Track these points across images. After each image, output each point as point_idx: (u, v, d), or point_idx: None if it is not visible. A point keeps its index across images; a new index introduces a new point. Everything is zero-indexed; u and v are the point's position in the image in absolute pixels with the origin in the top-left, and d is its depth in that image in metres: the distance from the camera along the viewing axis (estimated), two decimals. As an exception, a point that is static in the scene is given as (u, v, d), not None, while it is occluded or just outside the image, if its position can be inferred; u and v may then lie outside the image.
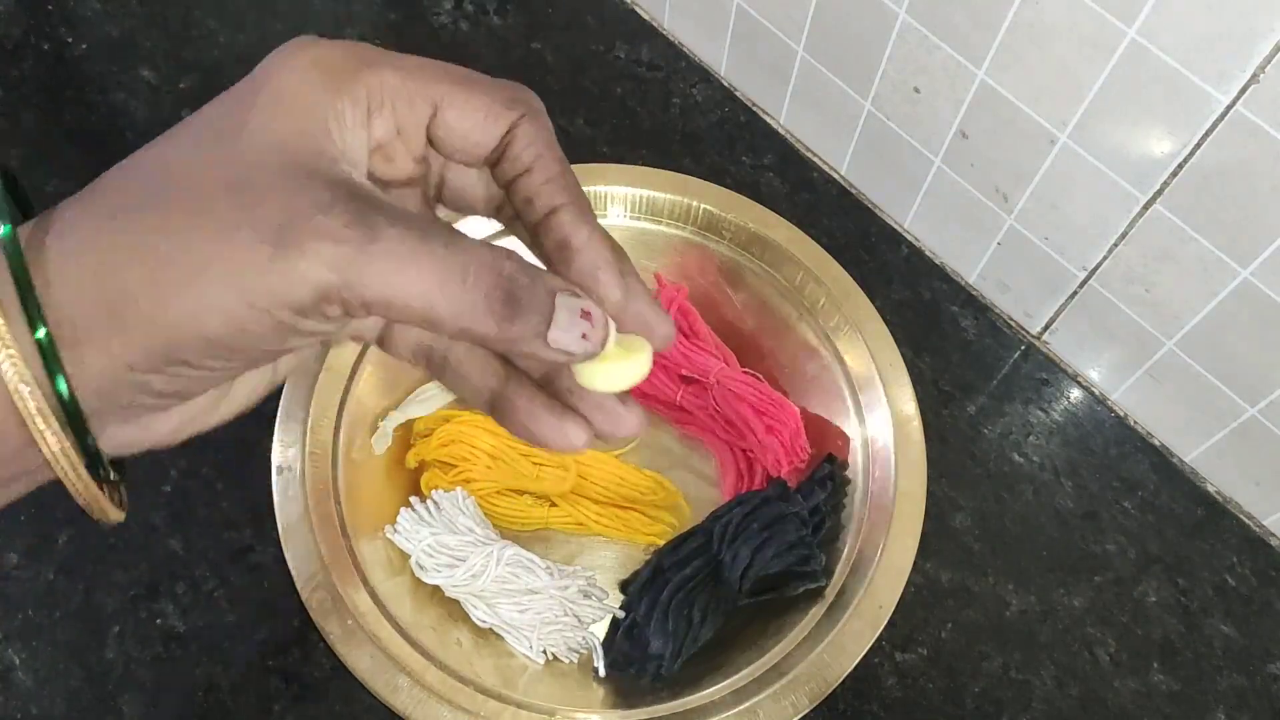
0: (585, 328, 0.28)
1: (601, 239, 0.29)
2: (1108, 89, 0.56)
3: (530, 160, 0.30)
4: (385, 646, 0.57)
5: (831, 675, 0.57)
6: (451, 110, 0.29)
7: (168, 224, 0.25)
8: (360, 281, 0.25)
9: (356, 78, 0.28)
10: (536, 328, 0.27)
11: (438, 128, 0.29)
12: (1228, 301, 0.59)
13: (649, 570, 0.62)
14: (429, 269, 0.26)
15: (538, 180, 0.30)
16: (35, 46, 0.82)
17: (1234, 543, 0.66)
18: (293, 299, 0.25)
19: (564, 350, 0.27)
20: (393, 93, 0.28)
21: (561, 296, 0.27)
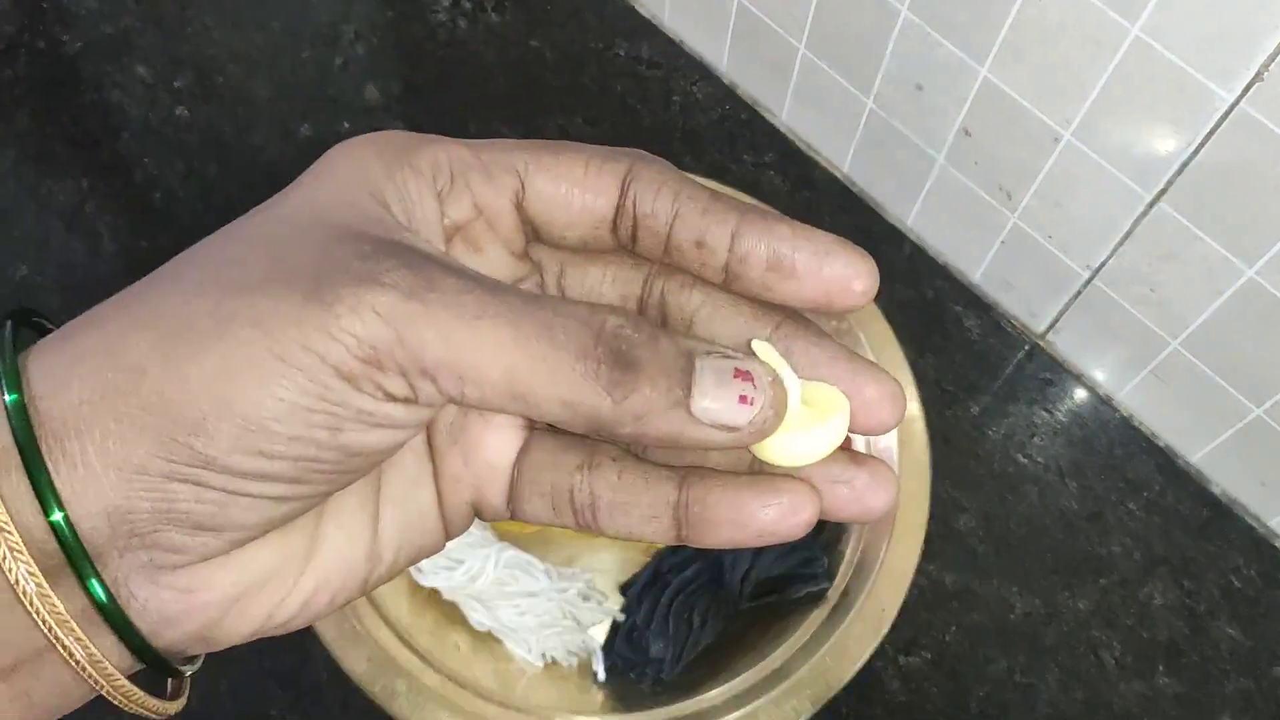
0: (744, 389, 0.21)
1: (807, 228, 0.23)
2: (1111, 86, 0.56)
3: (670, 203, 0.23)
4: (383, 650, 0.57)
5: (834, 679, 0.57)
6: (541, 175, 0.23)
7: (183, 286, 0.21)
8: (417, 337, 0.20)
9: (417, 150, 0.23)
10: (670, 395, 0.21)
11: (531, 203, 0.24)
12: (1233, 301, 0.59)
13: (649, 573, 0.62)
14: (504, 324, 0.20)
15: (694, 216, 0.23)
16: (29, 45, 0.82)
17: (1240, 544, 0.66)
18: (334, 356, 0.20)
19: (721, 424, 0.21)
20: (463, 166, 0.23)
21: (704, 357, 0.21)
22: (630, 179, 0.23)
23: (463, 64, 0.82)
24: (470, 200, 0.23)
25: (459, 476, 0.25)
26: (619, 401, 0.20)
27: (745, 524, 0.23)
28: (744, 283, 0.23)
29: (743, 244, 0.23)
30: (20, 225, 0.74)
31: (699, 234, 0.23)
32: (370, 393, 0.20)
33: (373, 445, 0.21)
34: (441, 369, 0.20)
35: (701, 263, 0.23)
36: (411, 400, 0.21)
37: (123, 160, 0.78)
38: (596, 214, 0.23)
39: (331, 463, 0.21)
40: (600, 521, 0.24)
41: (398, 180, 0.23)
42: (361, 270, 0.20)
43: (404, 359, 0.20)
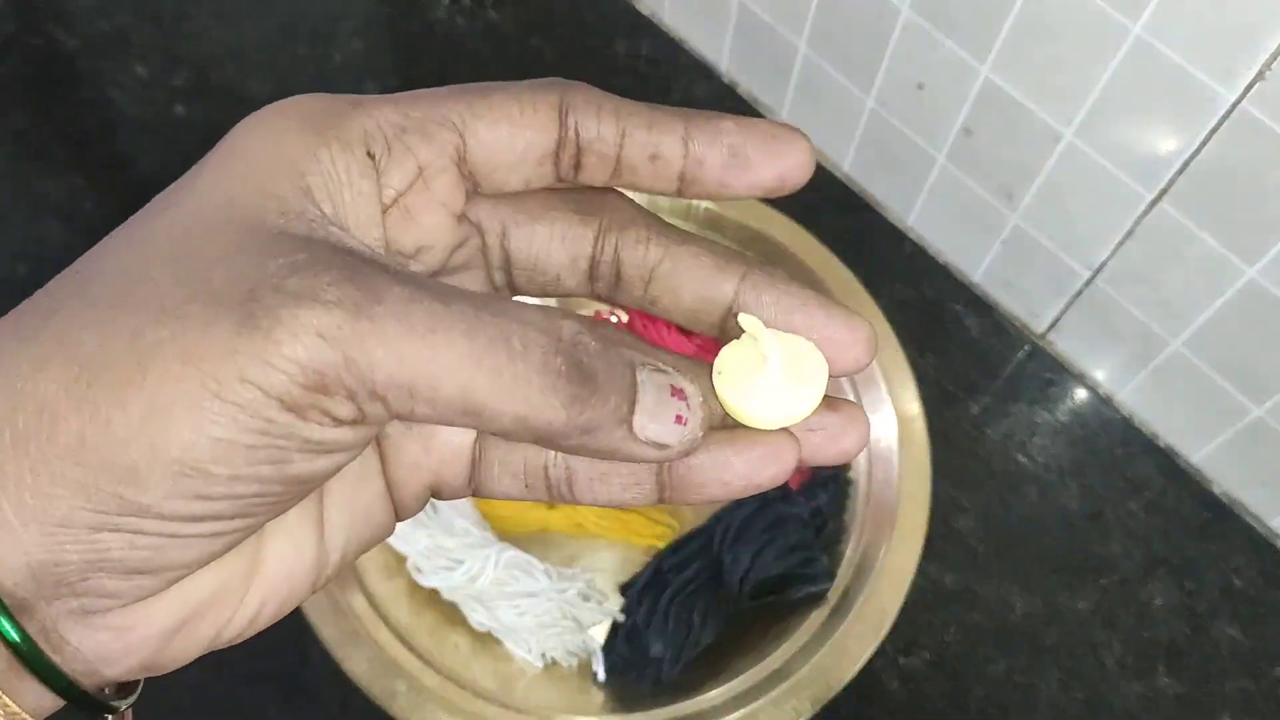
0: (680, 408, 0.21)
1: (745, 119, 0.23)
2: (1113, 86, 0.56)
3: (615, 124, 0.23)
4: (382, 650, 0.57)
5: (834, 679, 0.57)
6: (479, 123, 0.22)
7: (91, 312, 0.18)
8: (365, 357, 0.18)
9: (344, 120, 0.21)
10: (617, 412, 0.20)
11: (472, 153, 0.22)
12: (1234, 300, 0.58)
13: (649, 573, 0.62)
14: (458, 337, 0.19)
15: (642, 133, 0.22)
16: (26, 42, 0.81)
17: (1241, 544, 0.66)
18: (276, 386, 0.18)
19: (655, 443, 0.21)
20: (397, 129, 0.22)
21: (643, 370, 0.21)
22: (566, 107, 0.23)
23: (461, 61, 0.81)
24: (414, 163, 0.22)
25: (418, 464, 0.24)
26: (575, 417, 0.20)
27: (729, 481, 0.23)
28: (699, 186, 0.23)
29: (696, 148, 0.22)
30: (17, 223, 0.74)
31: (652, 149, 0.23)
32: (318, 421, 0.19)
33: (320, 471, 0.20)
34: (391, 388, 0.19)
35: (656, 175, 0.23)
36: (359, 422, 0.19)
37: (120, 158, 0.78)
38: (540, 150, 0.23)
39: (276, 494, 0.20)
40: (577, 494, 0.23)
41: (323, 159, 0.21)
42: (299, 286, 0.18)
43: (352, 382, 0.18)
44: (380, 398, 0.19)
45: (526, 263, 0.24)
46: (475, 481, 0.24)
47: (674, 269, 0.23)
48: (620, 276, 0.24)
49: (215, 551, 0.20)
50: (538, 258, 0.24)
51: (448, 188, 0.22)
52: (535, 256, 0.24)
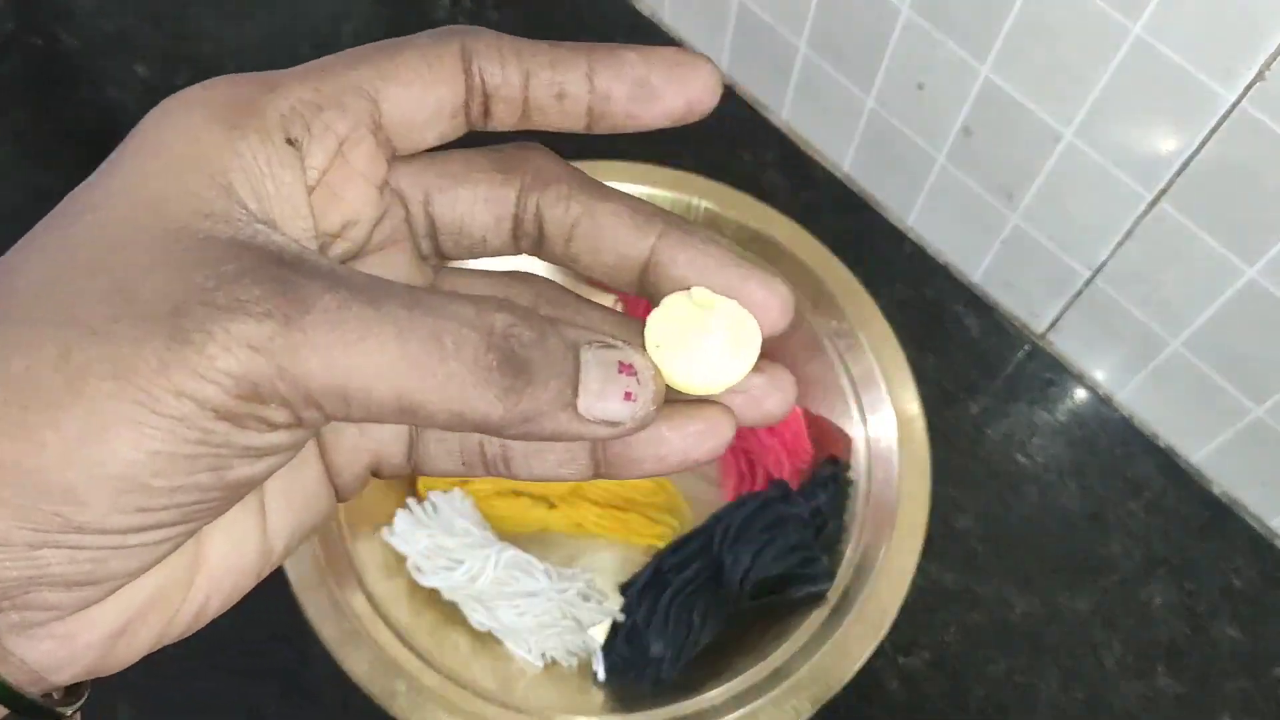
0: (628, 385, 0.21)
1: (646, 48, 0.23)
2: (1113, 86, 0.56)
3: (518, 66, 0.22)
4: (382, 650, 0.57)
5: (834, 679, 0.57)
6: (391, 86, 0.22)
7: (16, 335, 0.18)
8: (298, 367, 0.18)
9: (260, 105, 0.20)
10: (559, 397, 0.20)
11: (386, 117, 0.22)
12: (1234, 301, 0.58)
13: (649, 573, 0.62)
14: (390, 341, 0.19)
15: (545, 72, 0.22)
16: (27, 42, 0.81)
17: (1240, 544, 0.66)
18: (211, 398, 0.18)
19: (606, 421, 0.20)
20: (311, 107, 0.21)
21: (588, 349, 0.21)
22: (468, 54, 0.22)
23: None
24: (334, 140, 0.21)
25: (356, 446, 0.24)
26: (512, 409, 0.20)
27: (665, 456, 0.23)
28: (608, 120, 0.23)
29: (601, 82, 0.22)
30: (18, 223, 0.74)
31: (556, 87, 0.22)
32: (254, 428, 0.19)
33: (260, 473, 0.20)
34: (326, 394, 0.19)
35: (564, 113, 0.23)
36: (296, 426, 0.20)
37: (121, 158, 0.78)
38: (451, 104, 0.22)
39: (217, 499, 0.20)
40: (514, 470, 0.24)
41: (243, 152, 0.20)
42: (228, 300, 0.18)
43: (286, 390, 0.19)
44: (315, 404, 0.19)
45: (452, 227, 0.24)
46: (414, 460, 0.24)
47: (593, 226, 0.23)
48: (543, 234, 0.23)
49: (159, 557, 0.20)
50: (462, 221, 0.24)
51: (367, 158, 0.22)
52: (460, 220, 0.24)
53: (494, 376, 0.19)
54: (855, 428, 0.65)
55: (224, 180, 0.20)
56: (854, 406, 0.66)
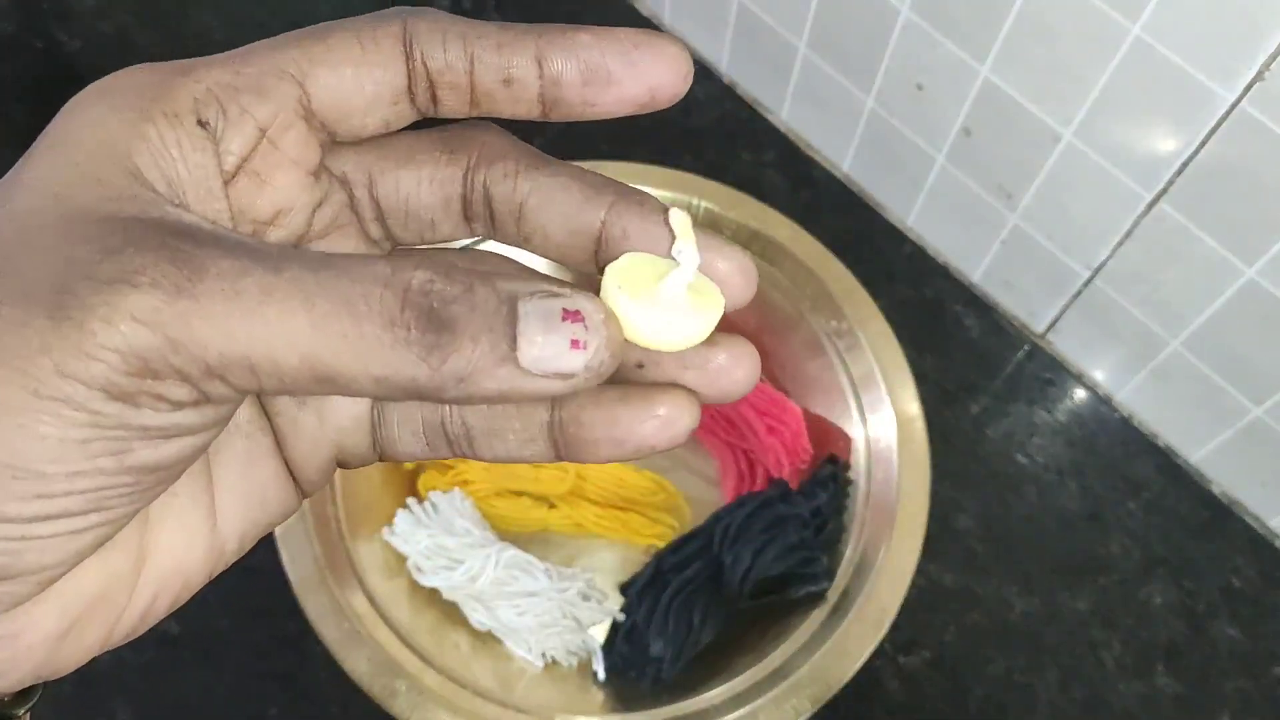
0: (575, 332, 0.19)
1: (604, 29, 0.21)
2: (1112, 86, 0.56)
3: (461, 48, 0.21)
4: (383, 650, 0.57)
5: (833, 679, 0.57)
6: (320, 69, 0.21)
7: None
8: (190, 337, 0.17)
9: (169, 90, 0.20)
10: (494, 351, 0.18)
11: (319, 102, 0.21)
12: (1233, 301, 0.58)
13: (649, 572, 0.62)
14: (295, 306, 0.18)
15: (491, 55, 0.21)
16: (27, 43, 0.81)
17: (1240, 544, 0.66)
18: (97, 377, 0.17)
19: (556, 373, 0.19)
20: (229, 91, 0.20)
21: (528, 300, 0.19)
22: (409, 37, 0.21)
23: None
24: (252, 125, 0.20)
25: (317, 437, 0.23)
26: (437, 367, 0.18)
27: (622, 440, 0.21)
28: (564, 107, 0.21)
29: (551, 67, 0.21)
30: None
31: (503, 72, 0.21)
32: (151, 406, 0.18)
33: (172, 456, 0.19)
34: (229, 366, 0.18)
35: (515, 99, 0.21)
36: (202, 402, 0.18)
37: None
38: (391, 87, 0.21)
39: (128, 484, 0.19)
40: (478, 450, 0.23)
41: (150, 136, 0.19)
42: (111, 271, 0.17)
43: (182, 363, 0.17)
44: (218, 375, 0.18)
45: (398, 210, 0.23)
46: (379, 446, 0.23)
47: (542, 201, 0.22)
48: (493, 214, 0.22)
49: (82, 549, 0.19)
50: (408, 203, 0.23)
51: (297, 144, 0.21)
52: (405, 202, 0.23)
53: (413, 336, 0.18)
54: (855, 427, 0.65)
55: (130, 164, 0.19)
56: (854, 406, 0.66)
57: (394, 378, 0.18)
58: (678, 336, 0.21)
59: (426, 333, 0.18)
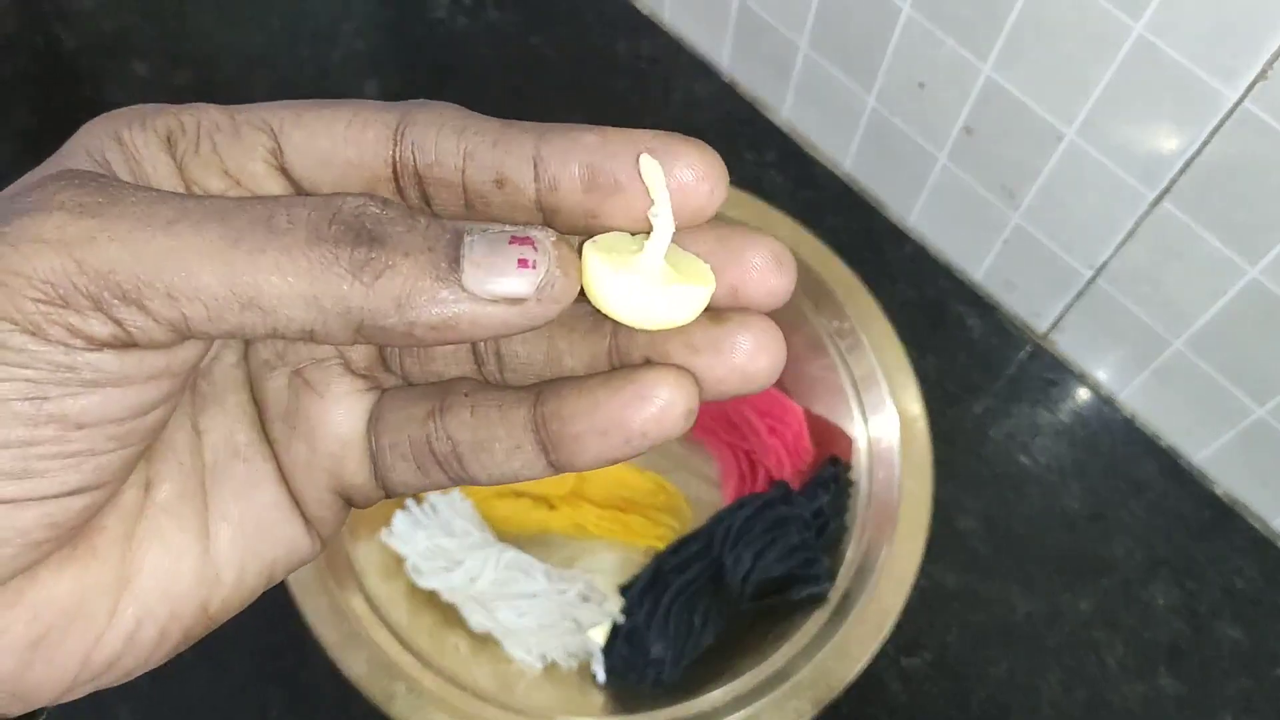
0: (523, 252, 0.17)
1: (619, 130, 0.19)
2: (1115, 85, 0.56)
3: (455, 142, 0.19)
4: (381, 652, 0.57)
5: (835, 681, 0.57)
6: (298, 131, 0.20)
7: None
8: (98, 256, 0.16)
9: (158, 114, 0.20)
10: (434, 268, 0.17)
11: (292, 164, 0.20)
12: (1236, 301, 0.58)
13: (649, 574, 0.61)
14: (209, 222, 0.17)
15: (485, 151, 0.19)
16: (28, 42, 0.81)
17: (1242, 545, 0.65)
18: (2, 305, 0.16)
19: (503, 296, 0.17)
20: (210, 127, 0.20)
21: (476, 231, 0.18)
22: (404, 126, 0.19)
23: (462, 61, 0.81)
24: (219, 166, 0.19)
25: (309, 464, 0.22)
26: (370, 283, 0.17)
27: (607, 431, 0.19)
28: (564, 215, 0.19)
29: (548, 169, 0.19)
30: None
31: (496, 171, 0.19)
32: (63, 340, 0.17)
33: (100, 410, 0.18)
34: (144, 290, 0.17)
35: (510, 204, 0.19)
36: (125, 341, 0.17)
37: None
38: (366, 170, 0.19)
39: (55, 441, 0.17)
40: (469, 470, 0.21)
41: (125, 139, 0.19)
42: (24, 203, 0.17)
43: (91, 287, 0.16)
44: (134, 302, 0.17)
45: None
46: (380, 477, 0.22)
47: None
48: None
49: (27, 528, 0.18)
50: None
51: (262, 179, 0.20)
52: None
53: (341, 249, 0.17)
54: (857, 428, 0.65)
55: (101, 158, 0.19)
56: (855, 407, 0.65)
57: (323, 298, 0.17)
58: (659, 312, 0.19)
59: (355, 248, 0.17)
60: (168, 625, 0.21)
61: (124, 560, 0.20)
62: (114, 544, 0.20)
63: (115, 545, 0.20)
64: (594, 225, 0.19)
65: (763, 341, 0.20)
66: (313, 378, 0.22)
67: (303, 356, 0.22)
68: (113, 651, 0.20)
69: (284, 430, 0.22)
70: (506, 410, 0.20)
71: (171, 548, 0.21)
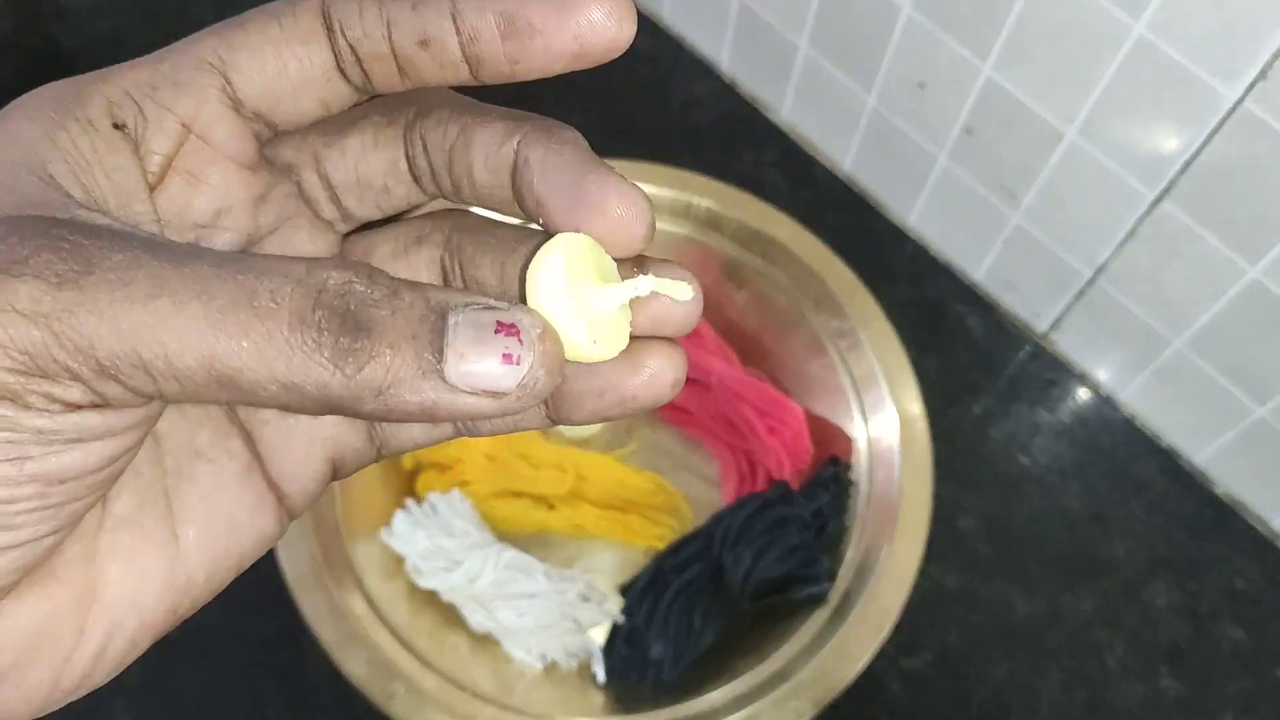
0: (509, 345, 0.17)
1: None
2: (1115, 85, 0.56)
3: (377, 12, 0.19)
4: (381, 652, 0.57)
5: (835, 681, 0.56)
6: (241, 54, 0.19)
7: None
8: (76, 331, 0.16)
9: (84, 97, 0.19)
10: (416, 360, 0.17)
11: (245, 91, 0.19)
12: (1237, 300, 0.58)
13: (649, 574, 0.61)
14: (189, 299, 0.16)
15: (406, 16, 0.19)
16: (25, 44, 0.81)
17: (1243, 545, 0.65)
18: None
19: (484, 390, 0.17)
20: (146, 88, 0.19)
21: (462, 312, 0.18)
22: (327, 9, 0.19)
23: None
24: (174, 121, 0.19)
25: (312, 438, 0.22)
26: (351, 375, 0.17)
27: (604, 392, 0.20)
28: (488, 65, 0.19)
29: (466, 21, 0.19)
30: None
31: (419, 33, 0.19)
32: (43, 408, 0.17)
33: (78, 464, 0.18)
34: (120, 364, 0.16)
35: (438, 63, 0.19)
36: (103, 406, 0.17)
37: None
38: (319, 66, 0.19)
39: (35, 497, 0.17)
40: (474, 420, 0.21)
41: (62, 143, 0.18)
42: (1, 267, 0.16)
43: (69, 360, 0.16)
44: (110, 375, 0.17)
45: (349, 183, 0.22)
46: (378, 438, 0.22)
47: (467, 141, 0.21)
48: (433, 168, 0.21)
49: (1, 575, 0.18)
50: (357, 172, 0.21)
51: (229, 137, 0.20)
52: (354, 171, 0.21)
53: (325, 337, 0.17)
54: (857, 428, 0.65)
55: (44, 173, 0.18)
56: (855, 407, 0.65)
57: (302, 385, 0.17)
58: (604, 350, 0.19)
59: (340, 336, 0.17)
60: (137, 634, 0.20)
61: (87, 578, 0.20)
62: (73, 564, 0.20)
63: (75, 566, 0.20)
64: (518, 71, 0.19)
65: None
66: None
67: None
68: (83, 670, 0.20)
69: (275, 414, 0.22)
70: None
71: (136, 558, 0.20)
